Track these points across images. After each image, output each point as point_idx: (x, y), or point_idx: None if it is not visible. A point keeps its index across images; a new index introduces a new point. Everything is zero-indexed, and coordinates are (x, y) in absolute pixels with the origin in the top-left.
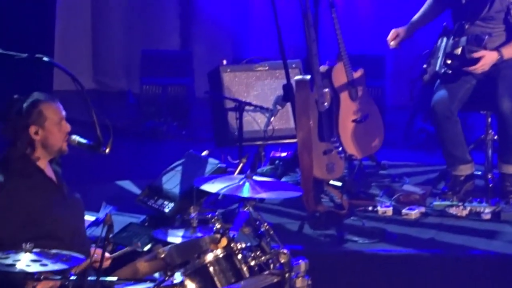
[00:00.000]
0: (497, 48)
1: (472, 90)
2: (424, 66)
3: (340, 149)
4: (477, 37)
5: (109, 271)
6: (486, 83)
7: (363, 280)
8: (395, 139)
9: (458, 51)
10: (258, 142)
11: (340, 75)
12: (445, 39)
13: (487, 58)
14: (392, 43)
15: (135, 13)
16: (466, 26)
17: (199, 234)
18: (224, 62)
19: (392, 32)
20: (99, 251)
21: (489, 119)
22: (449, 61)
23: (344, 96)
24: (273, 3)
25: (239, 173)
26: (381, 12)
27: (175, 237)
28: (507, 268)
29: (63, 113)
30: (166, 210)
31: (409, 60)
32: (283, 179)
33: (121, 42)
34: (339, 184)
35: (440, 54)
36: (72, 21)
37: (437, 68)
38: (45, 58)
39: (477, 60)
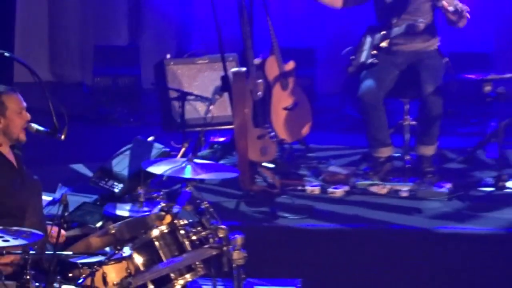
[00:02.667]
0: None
1: (396, 79)
2: (352, 57)
3: (273, 134)
4: (412, 25)
5: (64, 246)
6: (408, 73)
7: (293, 253)
8: (326, 123)
9: (385, 43)
10: (199, 128)
11: (272, 67)
12: (369, 37)
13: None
14: None
15: (89, 9)
16: (394, 21)
17: (145, 209)
18: (168, 56)
19: None
20: (55, 228)
21: (407, 106)
22: (375, 52)
23: (276, 86)
24: (213, 3)
25: (182, 156)
26: (311, 7)
27: (123, 211)
28: (421, 239)
29: (24, 103)
30: (116, 190)
31: (338, 51)
32: (221, 162)
33: (76, 36)
34: (271, 165)
35: (366, 47)
36: (30, 16)
37: (363, 59)
38: (6, 54)
39: (399, 52)
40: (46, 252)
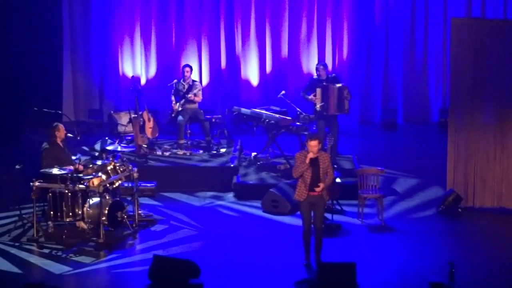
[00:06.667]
0: None
1: (188, 117)
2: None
3: (146, 136)
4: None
5: (79, 173)
6: (192, 115)
7: (165, 174)
8: (163, 132)
9: (179, 106)
10: (123, 135)
11: (145, 115)
12: (178, 103)
13: None
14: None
15: (97, 82)
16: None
17: (106, 161)
18: (111, 112)
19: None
20: (80, 166)
21: (188, 126)
22: (181, 108)
23: (146, 120)
24: (136, 96)
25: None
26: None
27: (99, 162)
28: (217, 169)
29: (63, 127)
30: (96, 154)
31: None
32: (129, 145)
33: (82, 101)
34: (145, 145)
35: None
36: (73, 84)
37: (179, 109)
38: (60, 111)
39: (187, 109)
40: (74, 175)
